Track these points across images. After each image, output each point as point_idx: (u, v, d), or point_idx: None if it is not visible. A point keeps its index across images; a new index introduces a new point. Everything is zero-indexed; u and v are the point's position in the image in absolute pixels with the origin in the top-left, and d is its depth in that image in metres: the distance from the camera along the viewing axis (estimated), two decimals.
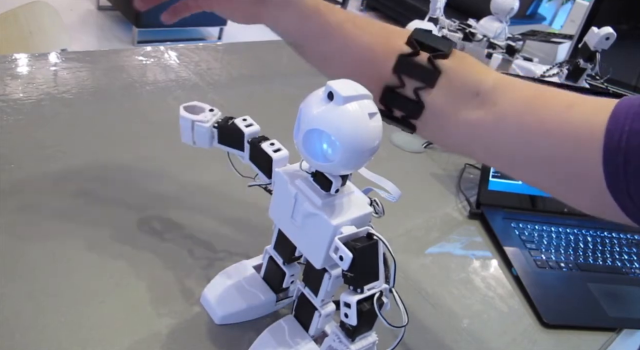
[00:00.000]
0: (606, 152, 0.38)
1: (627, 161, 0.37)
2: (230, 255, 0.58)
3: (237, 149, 0.48)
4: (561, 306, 0.67)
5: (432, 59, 0.44)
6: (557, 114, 0.41)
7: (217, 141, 0.49)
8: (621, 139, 0.37)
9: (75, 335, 0.46)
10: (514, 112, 0.43)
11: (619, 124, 0.37)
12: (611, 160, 0.37)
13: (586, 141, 0.39)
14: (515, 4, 1.02)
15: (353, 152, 0.35)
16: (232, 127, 0.47)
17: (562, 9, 4.02)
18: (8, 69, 0.79)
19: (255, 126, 0.47)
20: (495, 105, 0.43)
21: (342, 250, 0.37)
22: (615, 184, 0.38)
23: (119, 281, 0.52)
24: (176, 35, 3.16)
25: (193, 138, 0.49)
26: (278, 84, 0.99)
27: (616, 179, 0.38)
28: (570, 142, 0.40)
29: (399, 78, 0.44)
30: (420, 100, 0.44)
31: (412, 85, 0.44)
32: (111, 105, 0.78)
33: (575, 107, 0.40)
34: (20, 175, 0.60)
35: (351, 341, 0.43)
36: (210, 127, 0.48)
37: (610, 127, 0.37)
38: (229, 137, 0.48)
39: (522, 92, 0.43)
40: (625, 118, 0.37)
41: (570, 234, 0.80)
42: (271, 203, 0.45)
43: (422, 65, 0.44)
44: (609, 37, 0.98)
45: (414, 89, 0.44)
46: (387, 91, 0.46)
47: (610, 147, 0.37)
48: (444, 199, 0.82)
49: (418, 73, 0.44)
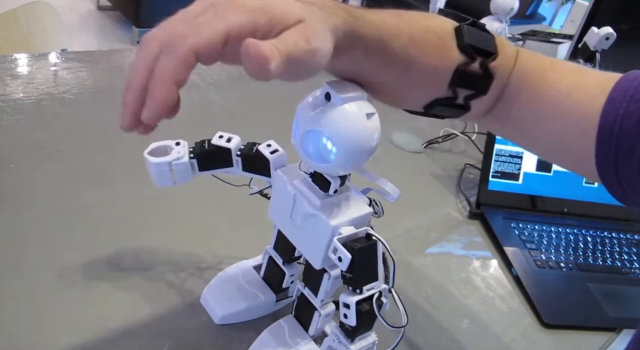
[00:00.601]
0: (600, 135, 0.38)
1: (619, 144, 0.37)
2: (230, 256, 0.58)
3: (224, 167, 0.46)
4: (561, 306, 0.67)
5: (486, 65, 0.40)
6: (557, 106, 0.41)
7: (197, 170, 0.46)
8: (615, 122, 0.37)
9: (75, 335, 0.46)
10: (519, 104, 0.43)
11: (615, 106, 0.37)
12: (604, 142, 0.37)
13: (583, 128, 0.39)
14: (515, 4, 1.01)
15: (351, 152, 0.35)
16: (214, 149, 0.45)
17: (562, 9, 4.02)
18: (8, 69, 0.79)
19: (235, 138, 0.45)
20: (510, 96, 0.44)
21: (341, 251, 0.37)
22: (605, 167, 0.38)
23: (119, 281, 0.52)
24: None
25: (173, 179, 0.46)
26: (278, 84, 0.98)
27: (606, 161, 0.38)
28: (569, 131, 0.40)
29: (453, 91, 0.41)
30: (468, 106, 0.42)
31: (464, 94, 0.41)
32: (111, 105, 0.78)
33: (575, 93, 0.40)
34: (20, 175, 0.60)
35: (351, 341, 0.43)
36: (188, 161, 0.45)
37: (606, 109, 0.37)
38: (211, 159, 0.46)
39: (529, 81, 0.43)
40: (622, 101, 0.37)
41: (570, 234, 0.80)
42: (270, 204, 0.45)
43: (476, 74, 0.40)
44: (608, 37, 0.98)
45: (464, 96, 0.41)
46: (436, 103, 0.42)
47: (605, 129, 0.37)
48: (444, 199, 0.81)
49: (472, 83, 0.41)
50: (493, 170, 0.82)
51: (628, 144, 0.36)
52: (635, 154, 0.36)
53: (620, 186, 0.38)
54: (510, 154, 0.83)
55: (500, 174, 0.82)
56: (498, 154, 0.82)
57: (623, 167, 0.37)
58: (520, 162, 0.83)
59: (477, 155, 0.92)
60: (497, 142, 0.82)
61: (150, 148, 0.45)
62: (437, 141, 0.94)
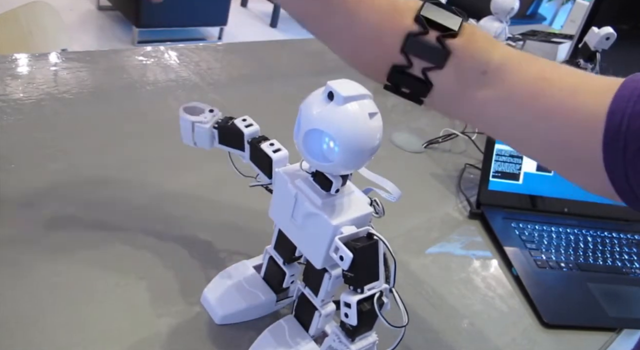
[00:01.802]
0: (607, 136, 0.37)
1: (627, 145, 0.36)
2: (230, 255, 0.58)
3: (238, 149, 0.48)
4: (561, 306, 0.67)
5: (442, 39, 0.41)
6: (561, 101, 0.40)
7: (217, 142, 0.49)
8: (622, 122, 0.36)
9: (75, 335, 0.46)
10: (518, 95, 0.42)
11: (622, 106, 0.36)
12: (611, 143, 0.37)
13: (587, 128, 0.38)
14: (516, 4, 1.01)
15: (353, 152, 0.35)
16: (232, 128, 0.47)
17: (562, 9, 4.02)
18: (8, 69, 0.79)
19: (255, 126, 0.47)
20: (501, 84, 0.42)
21: (343, 250, 0.37)
22: (614, 168, 0.37)
23: (119, 281, 0.52)
24: (176, 35, 3.16)
25: (193, 139, 0.49)
26: (278, 84, 0.99)
27: (615, 163, 0.37)
28: (572, 128, 0.39)
29: (407, 58, 0.43)
30: (429, 81, 0.43)
31: (420, 65, 0.43)
32: (111, 105, 0.78)
33: (580, 92, 0.39)
34: (20, 175, 0.60)
35: (351, 341, 0.43)
36: (210, 128, 0.48)
37: (613, 109, 0.37)
38: (230, 137, 0.48)
39: (528, 73, 0.42)
40: (628, 100, 0.36)
41: (570, 234, 0.80)
42: (271, 203, 0.45)
43: (431, 46, 0.42)
44: (609, 37, 0.98)
45: (422, 69, 0.43)
46: (394, 70, 0.44)
47: (612, 130, 0.36)
48: (444, 199, 0.82)
49: (427, 53, 0.42)
50: (493, 170, 0.82)
51: (636, 144, 0.36)
52: None
53: (631, 188, 0.37)
54: (511, 153, 0.83)
55: (501, 173, 0.82)
56: (498, 154, 0.82)
57: (632, 169, 0.36)
58: (520, 162, 0.83)
59: (477, 155, 0.92)
60: (497, 142, 0.82)
61: (189, 104, 0.49)
62: (437, 141, 0.94)
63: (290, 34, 3.57)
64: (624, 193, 0.38)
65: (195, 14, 2.99)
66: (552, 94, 0.40)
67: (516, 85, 0.42)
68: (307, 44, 1.17)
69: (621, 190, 0.38)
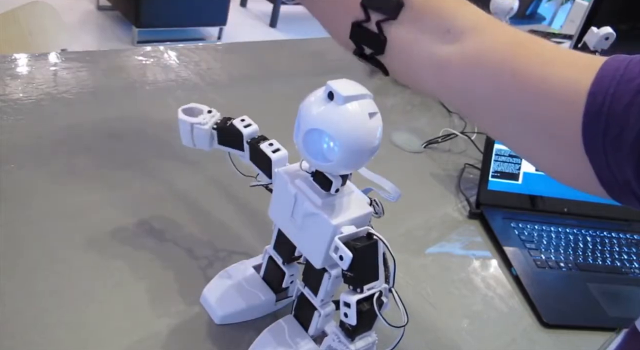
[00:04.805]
0: (587, 116, 0.35)
1: (607, 127, 0.34)
2: (230, 255, 0.58)
3: (238, 149, 0.48)
4: (561, 306, 0.67)
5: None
6: (536, 69, 0.37)
7: (217, 142, 0.49)
8: (604, 103, 0.34)
9: (75, 335, 0.46)
10: (488, 55, 0.39)
11: (604, 86, 0.34)
12: (592, 125, 0.35)
13: (566, 102, 0.36)
14: (515, 4, 1.01)
15: (353, 152, 0.35)
16: (231, 128, 0.47)
17: (562, 9, 4.02)
18: (8, 69, 0.79)
19: (253, 126, 0.47)
20: (469, 43, 0.40)
21: (342, 249, 0.37)
22: (594, 151, 0.35)
23: (119, 281, 0.52)
24: (176, 35, 3.16)
25: (193, 140, 0.49)
26: (278, 84, 0.99)
27: (595, 146, 0.35)
28: (547, 100, 0.36)
29: (364, 11, 0.43)
30: (382, 33, 0.43)
31: (376, 18, 0.43)
32: (111, 105, 0.78)
33: (558, 63, 0.37)
34: (20, 175, 0.60)
35: (351, 341, 0.43)
36: (209, 129, 0.48)
37: (594, 89, 0.34)
38: (229, 138, 0.48)
39: (502, 37, 0.40)
40: (611, 80, 0.34)
41: (570, 234, 0.80)
42: (271, 203, 0.45)
43: None
44: (608, 37, 0.98)
45: (376, 21, 0.43)
46: (355, 26, 0.44)
47: (592, 111, 0.34)
48: (444, 199, 0.82)
49: (381, 5, 0.42)
50: (493, 170, 0.82)
51: (617, 127, 0.34)
52: (624, 137, 0.34)
53: (612, 174, 0.35)
54: (510, 153, 0.83)
55: (500, 173, 0.82)
56: (498, 154, 0.83)
57: (612, 151, 0.35)
58: (520, 161, 0.83)
59: (477, 155, 0.92)
60: (496, 142, 0.82)
61: (187, 106, 0.49)
62: (436, 141, 0.94)
63: (290, 34, 3.57)
64: (607, 183, 0.36)
65: (195, 14, 2.99)
66: (528, 59, 0.38)
67: (486, 45, 0.40)
68: (307, 44, 1.17)
69: (601, 176, 0.36)
